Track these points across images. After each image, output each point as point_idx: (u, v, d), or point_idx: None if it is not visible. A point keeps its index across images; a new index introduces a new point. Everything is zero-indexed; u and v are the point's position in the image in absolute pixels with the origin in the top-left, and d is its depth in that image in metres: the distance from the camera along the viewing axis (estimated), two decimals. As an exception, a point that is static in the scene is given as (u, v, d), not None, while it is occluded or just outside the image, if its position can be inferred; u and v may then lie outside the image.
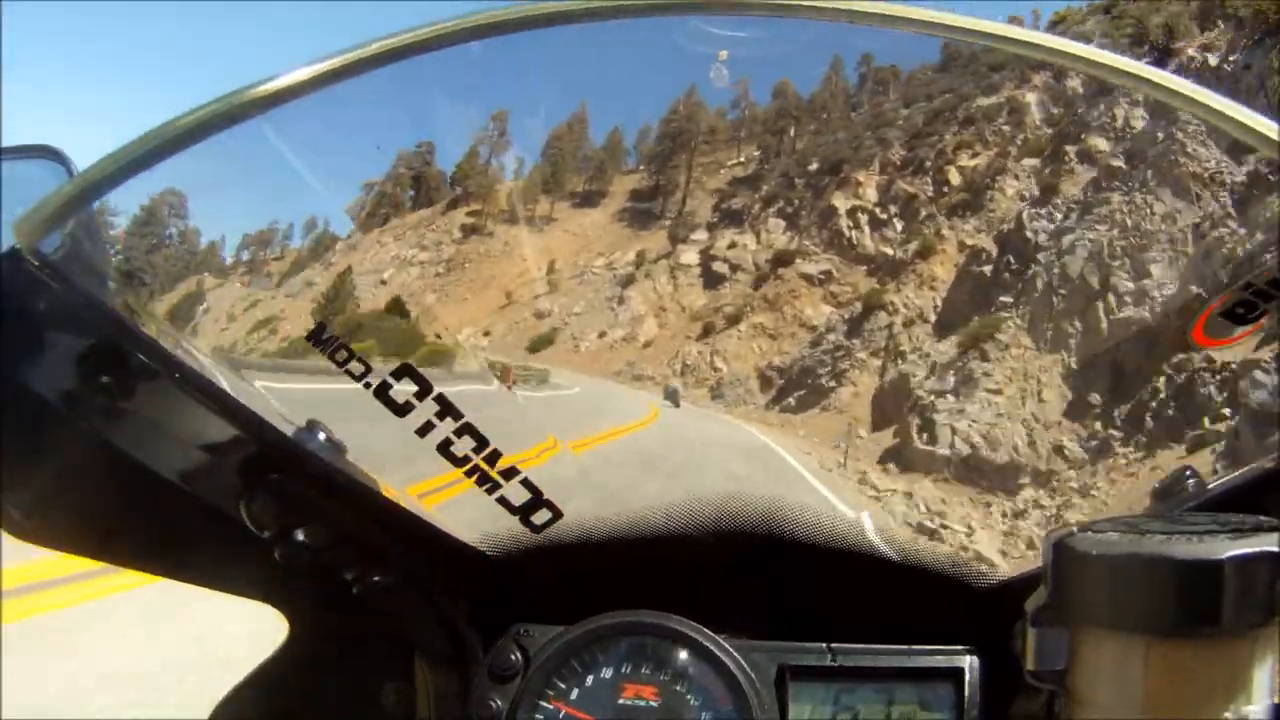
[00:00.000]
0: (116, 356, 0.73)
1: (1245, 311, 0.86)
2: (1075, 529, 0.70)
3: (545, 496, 0.98)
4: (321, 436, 0.91)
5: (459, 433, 0.92)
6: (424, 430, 0.90)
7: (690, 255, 49.52)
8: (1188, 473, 0.94)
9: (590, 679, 1.08)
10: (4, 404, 0.72)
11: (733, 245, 47.71)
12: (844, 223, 42.63)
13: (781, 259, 43.60)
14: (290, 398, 1.02)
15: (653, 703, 1.06)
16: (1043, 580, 0.72)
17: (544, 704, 1.06)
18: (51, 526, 0.83)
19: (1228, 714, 0.62)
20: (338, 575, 0.93)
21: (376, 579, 0.93)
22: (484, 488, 0.95)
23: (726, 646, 1.07)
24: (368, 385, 0.88)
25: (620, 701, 1.06)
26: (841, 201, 43.33)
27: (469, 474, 0.94)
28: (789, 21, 0.70)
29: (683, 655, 1.08)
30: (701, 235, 50.54)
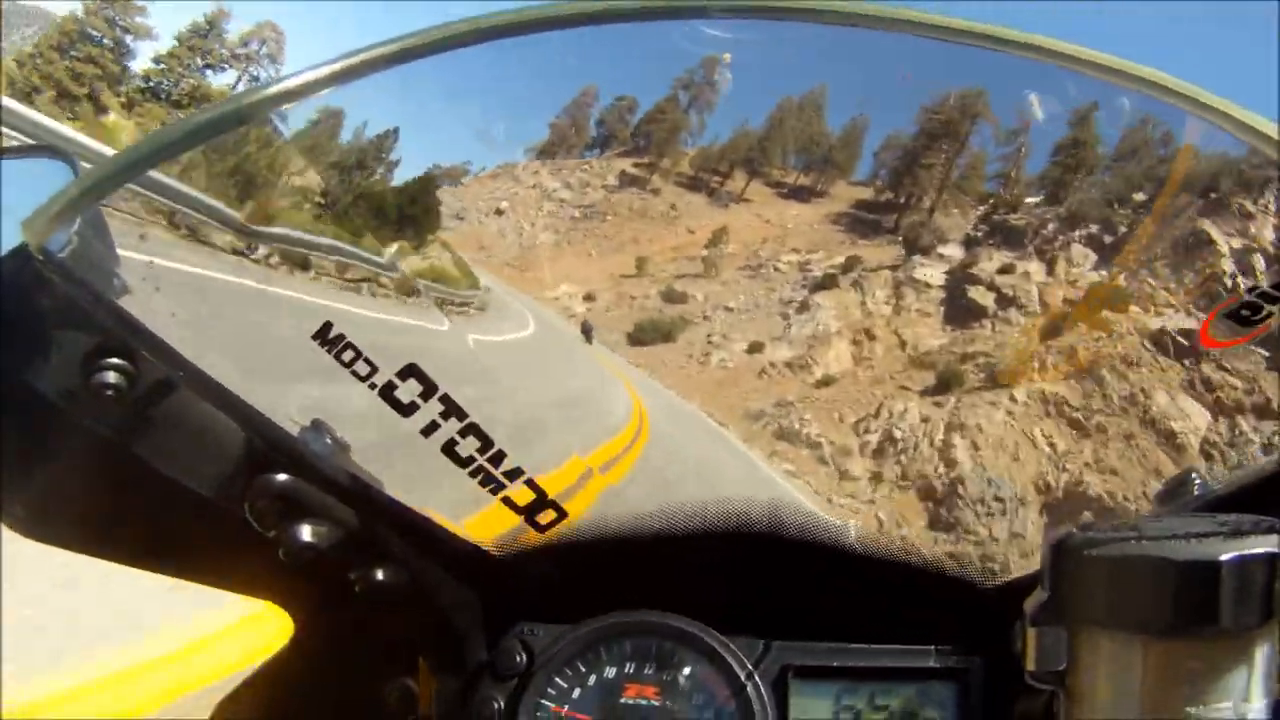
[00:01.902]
0: (122, 355, 0.73)
1: (1251, 314, 0.86)
2: (1074, 530, 0.71)
3: (550, 497, 0.98)
4: (326, 436, 0.92)
5: (463, 433, 0.92)
6: (429, 430, 0.91)
7: (932, 272, 31.06)
8: (1191, 474, 0.94)
9: (593, 679, 1.08)
10: (9, 401, 0.73)
11: (1006, 270, 29.20)
12: (1225, 264, 25.40)
13: (1102, 300, 26.30)
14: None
15: (655, 702, 1.06)
16: (1041, 581, 0.72)
17: (547, 703, 1.07)
18: (55, 524, 0.83)
19: (1227, 713, 0.62)
20: (341, 574, 0.93)
21: (380, 578, 0.94)
22: (489, 488, 0.95)
23: (729, 646, 1.07)
24: (373, 385, 0.88)
25: (623, 701, 1.07)
26: (1219, 233, 25.87)
27: (473, 475, 0.94)
28: (791, 24, 0.70)
29: (685, 655, 1.08)
30: (954, 250, 31.95)
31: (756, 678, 1.06)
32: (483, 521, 1.15)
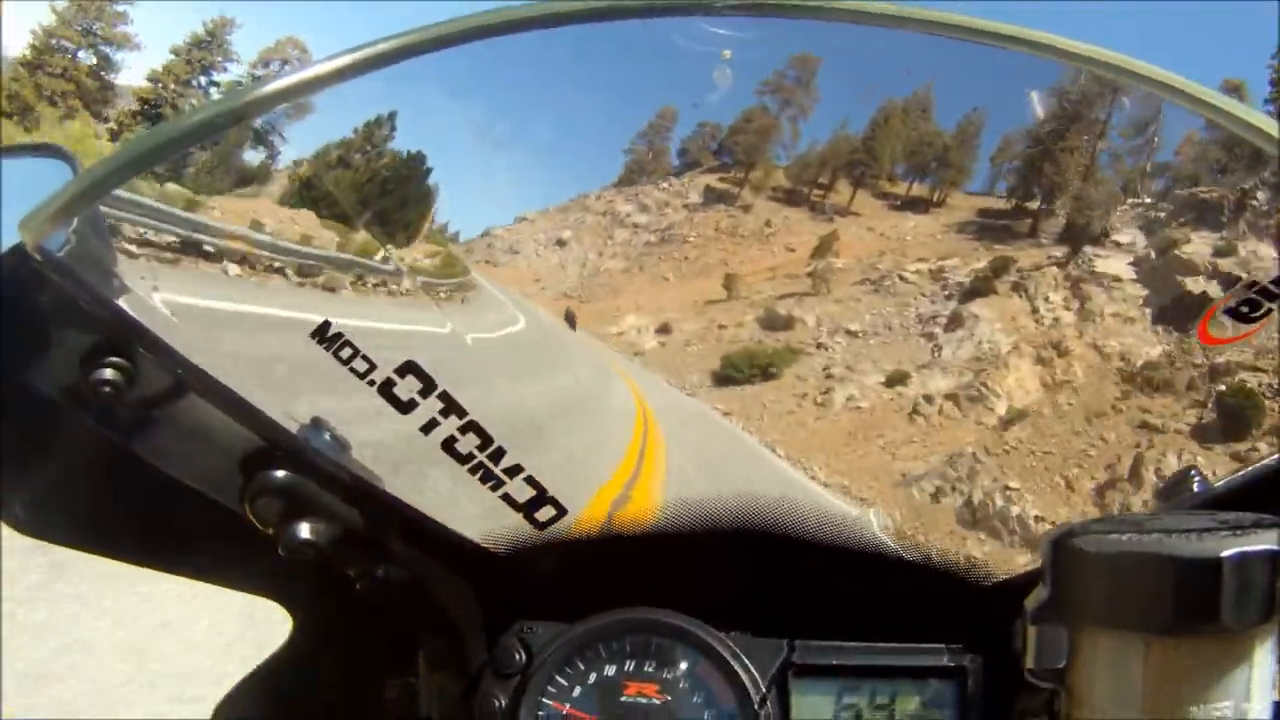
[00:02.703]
0: (121, 353, 0.73)
1: (1250, 310, 0.86)
2: (1075, 527, 0.71)
3: (549, 494, 0.98)
4: (325, 433, 0.91)
5: (463, 430, 0.92)
6: (428, 428, 0.91)
7: (1117, 264, 22.37)
8: (1191, 471, 0.94)
9: (593, 676, 1.08)
10: (8, 400, 0.73)
11: (1225, 252, 20.41)
12: None
13: None
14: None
15: (656, 700, 1.06)
16: (1042, 578, 0.72)
17: (547, 701, 1.07)
18: (54, 522, 0.83)
19: (1227, 711, 0.62)
20: (341, 572, 0.93)
21: (380, 576, 0.94)
22: (488, 485, 0.95)
23: (729, 644, 1.07)
24: (371, 383, 0.88)
25: (623, 699, 1.07)
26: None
27: (473, 471, 0.94)
28: (791, 21, 0.70)
29: (686, 653, 1.08)
30: (1134, 235, 23.19)
31: (757, 676, 1.06)
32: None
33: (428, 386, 0.89)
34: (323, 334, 0.87)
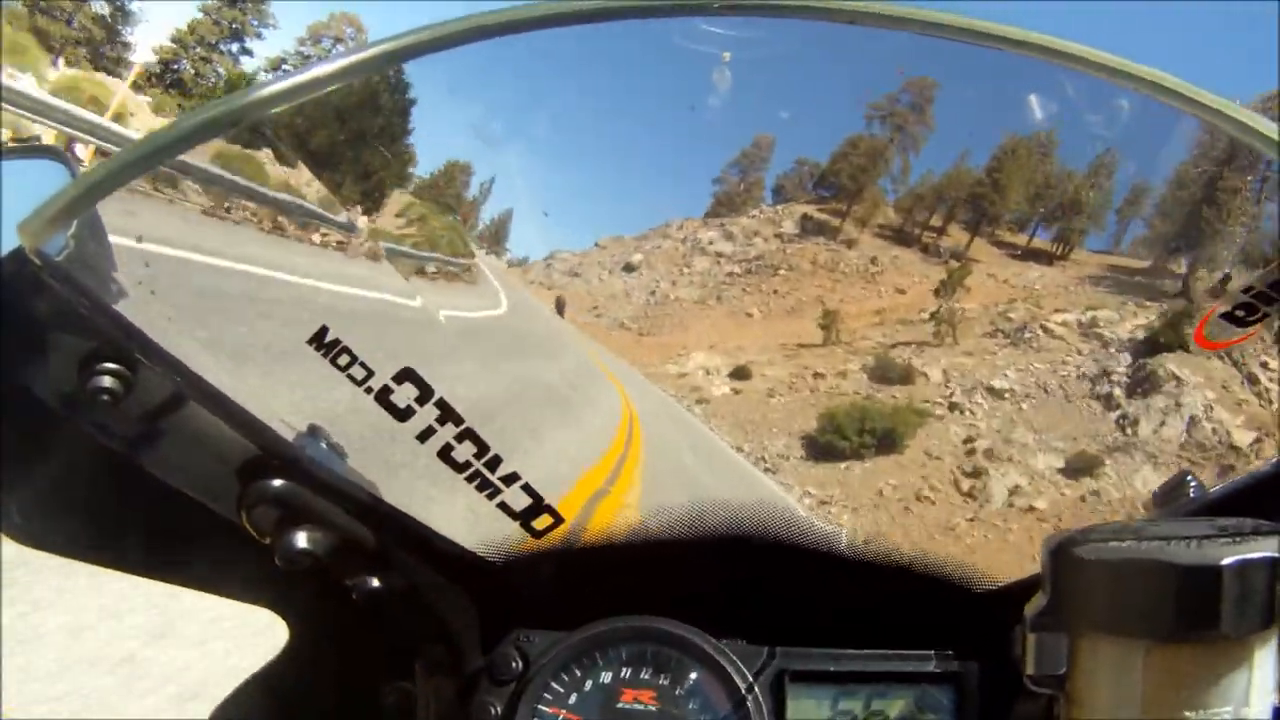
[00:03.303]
0: (119, 359, 0.73)
1: (1245, 314, 0.86)
2: (1074, 534, 0.71)
3: (546, 502, 0.98)
4: (322, 442, 0.91)
5: (460, 438, 0.92)
6: (424, 435, 0.91)
7: None
8: (1188, 477, 0.94)
9: (589, 683, 1.08)
10: (5, 406, 0.72)
11: None
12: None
13: None
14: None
15: (651, 707, 1.06)
16: (1041, 585, 0.72)
17: (543, 708, 1.07)
18: (50, 530, 0.83)
19: (1227, 718, 0.62)
20: (338, 580, 0.93)
21: (376, 584, 0.93)
22: (485, 493, 0.95)
23: (725, 651, 1.07)
24: (369, 390, 0.88)
25: (619, 706, 1.06)
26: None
27: (470, 479, 0.94)
28: (791, 22, 0.70)
29: (682, 660, 1.08)
30: None
31: (753, 683, 1.06)
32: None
33: (424, 394, 0.89)
34: (320, 339, 0.87)
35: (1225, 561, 0.60)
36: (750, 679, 1.06)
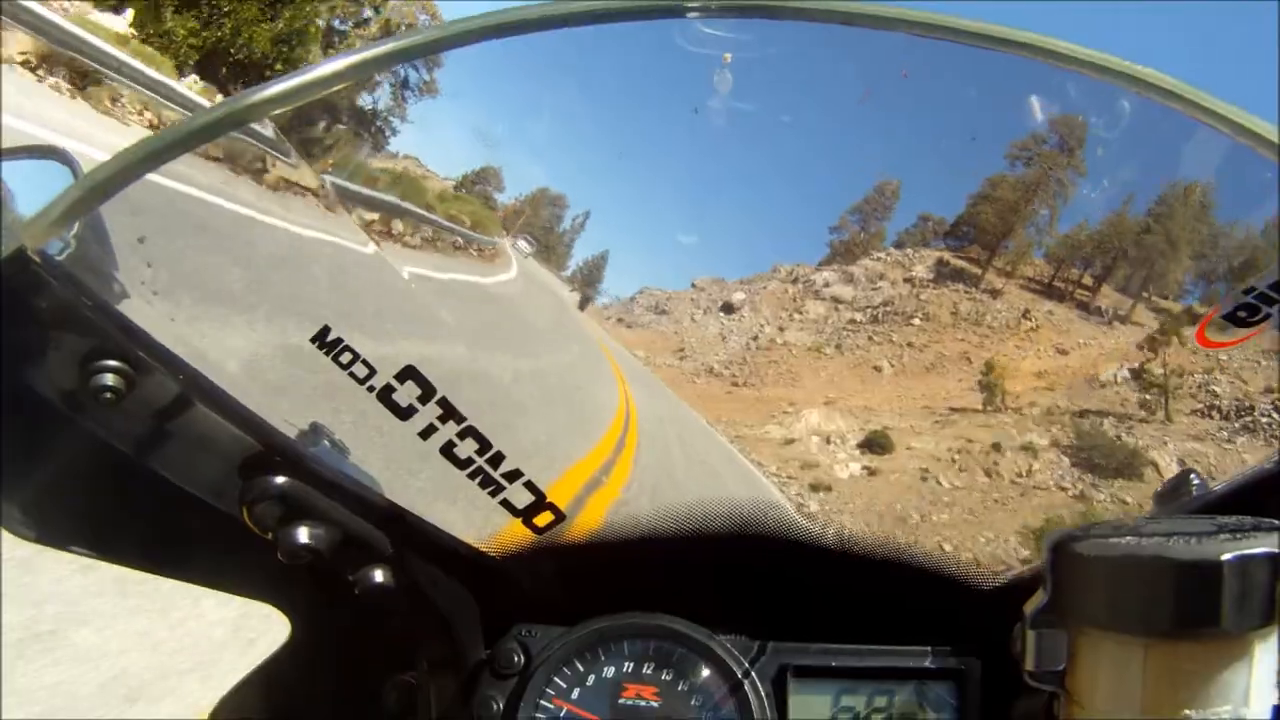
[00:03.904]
0: (120, 358, 0.73)
1: (1247, 315, 0.86)
2: (1075, 531, 0.71)
3: (548, 499, 0.98)
4: (324, 438, 0.92)
5: (462, 435, 0.92)
6: (426, 433, 0.91)
7: None
8: (1190, 475, 0.94)
9: (591, 679, 1.08)
10: (7, 404, 0.72)
11: None
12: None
13: None
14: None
15: (653, 703, 1.06)
16: (1042, 581, 0.72)
17: (545, 703, 1.07)
18: (52, 525, 0.83)
19: (1226, 716, 0.62)
20: (339, 576, 0.93)
21: (378, 579, 0.94)
22: (487, 490, 0.95)
23: (728, 646, 1.07)
24: (371, 389, 0.88)
25: (621, 702, 1.07)
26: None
27: (472, 477, 0.94)
28: (790, 23, 0.70)
29: (684, 655, 1.08)
30: None
31: (755, 678, 1.06)
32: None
33: (427, 392, 0.90)
34: (322, 339, 0.87)
35: (1225, 557, 0.61)
36: (753, 674, 1.06)
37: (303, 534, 0.85)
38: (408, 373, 0.89)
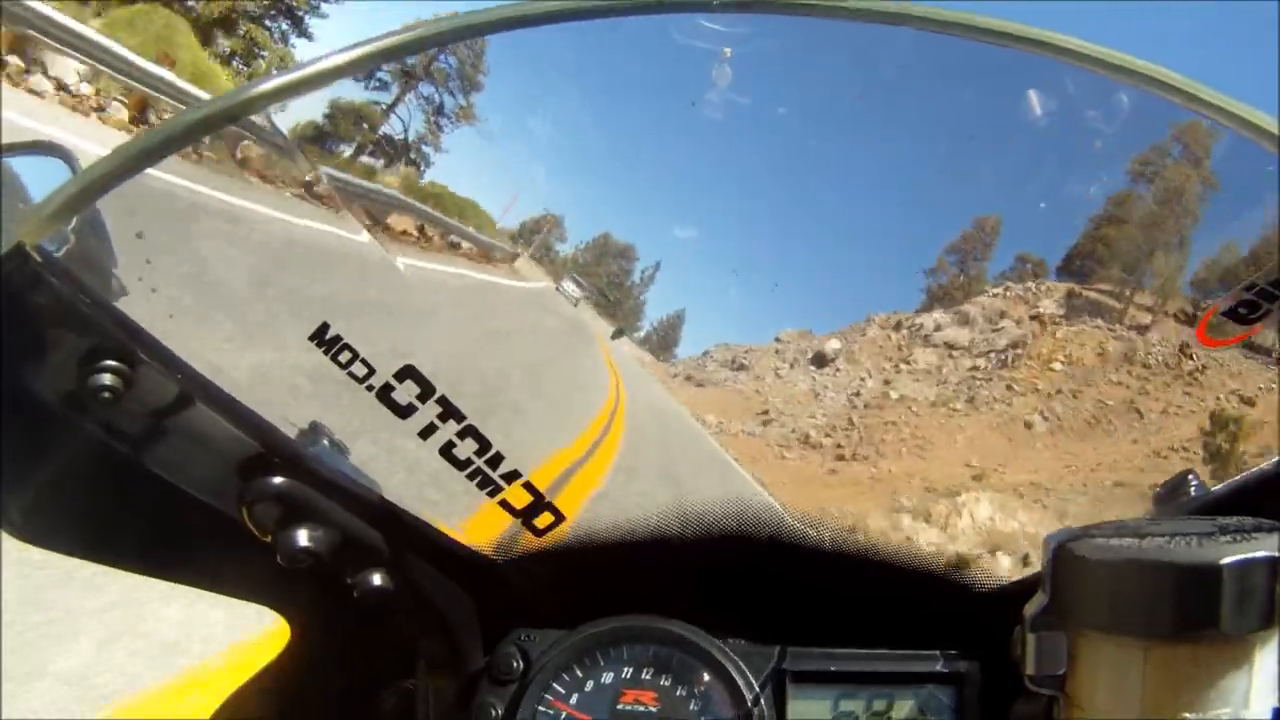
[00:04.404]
0: (119, 356, 0.73)
1: (1248, 312, 0.86)
2: (1074, 533, 0.71)
3: (548, 500, 0.98)
4: (324, 439, 0.91)
5: (461, 435, 0.92)
6: (426, 433, 0.91)
7: None
8: (1189, 476, 0.94)
9: (590, 683, 1.08)
10: (5, 403, 0.72)
11: None
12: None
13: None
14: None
15: (653, 708, 1.06)
16: (1042, 584, 0.72)
17: (544, 708, 1.06)
18: (50, 527, 0.83)
19: (1226, 718, 0.62)
20: (339, 578, 0.93)
21: (377, 582, 0.93)
22: (486, 490, 0.95)
23: (726, 650, 1.07)
24: (370, 388, 0.88)
25: (620, 706, 1.06)
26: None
27: (471, 477, 0.94)
28: (791, 18, 0.70)
29: (682, 659, 1.08)
30: None
31: (754, 683, 1.06)
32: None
33: (426, 391, 0.89)
34: (320, 336, 0.87)
35: (1225, 560, 0.60)
36: (751, 679, 1.06)
37: (302, 536, 0.85)
38: (407, 371, 0.89)
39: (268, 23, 24.51)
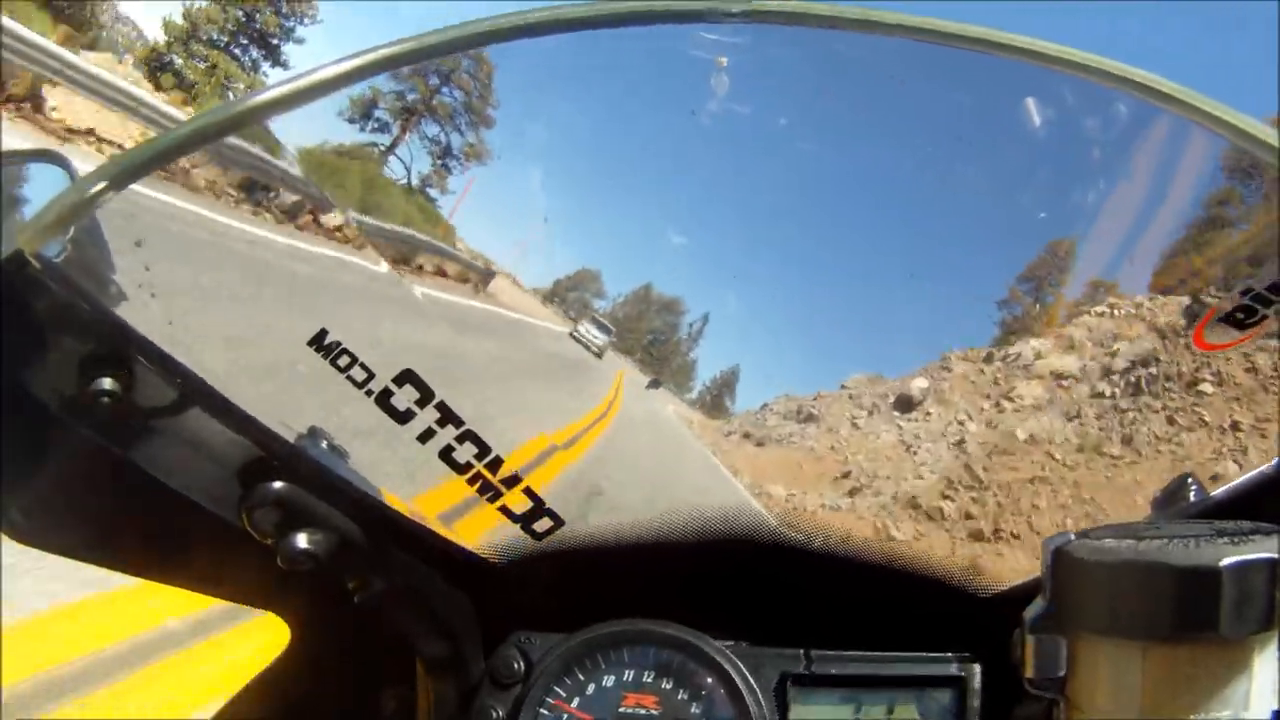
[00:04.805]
0: (118, 361, 0.73)
1: (1245, 316, 0.86)
2: (1074, 535, 0.71)
3: (547, 505, 0.98)
4: (323, 443, 0.91)
5: (460, 439, 0.92)
6: (425, 437, 0.91)
7: None
8: (1188, 480, 0.94)
9: (592, 687, 1.08)
10: (5, 408, 0.72)
11: None
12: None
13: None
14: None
15: (654, 711, 1.06)
16: (1042, 588, 0.72)
17: (545, 712, 1.06)
18: (51, 530, 0.83)
19: None
20: (339, 582, 0.93)
21: (378, 586, 0.93)
22: (485, 496, 0.95)
23: (728, 654, 1.07)
24: (369, 393, 0.88)
25: (621, 710, 1.06)
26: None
27: (471, 481, 0.94)
28: (790, 28, 0.70)
29: (684, 663, 1.08)
30: None
31: (755, 686, 1.06)
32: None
33: (425, 396, 0.90)
34: (319, 341, 0.87)
35: (1224, 562, 0.60)
36: (753, 683, 1.06)
37: (303, 540, 0.84)
38: (406, 376, 0.89)
39: (235, 50, 23.82)
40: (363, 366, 0.88)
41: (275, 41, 24.38)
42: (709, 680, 1.07)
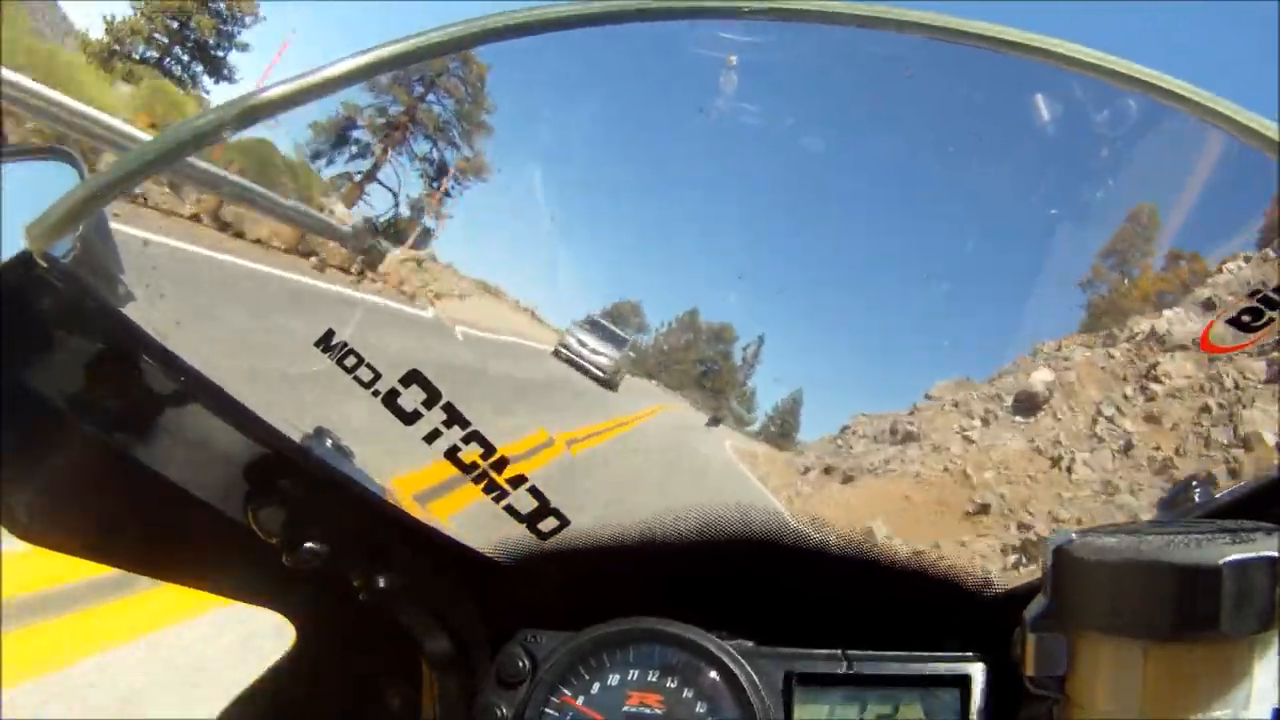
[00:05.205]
0: (125, 361, 0.73)
1: (1251, 319, 0.86)
2: (1075, 534, 0.71)
3: (552, 504, 0.98)
4: (329, 442, 0.92)
5: (466, 439, 0.92)
6: (431, 437, 0.91)
7: None
8: (1193, 482, 0.94)
9: (597, 686, 1.08)
10: (13, 406, 0.73)
11: None
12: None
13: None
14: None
15: (659, 710, 1.06)
16: (1043, 586, 0.72)
17: (550, 710, 1.06)
18: (56, 528, 0.83)
19: (1226, 718, 0.62)
20: (344, 581, 0.93)
21: (383, 584, 0.94)
22: (491, 495, 0.95)
23: (733, 653, 1.07)
24: (376, 393, 0.89)
25: (626, 709, 1.06)
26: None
27: (476, 481, 0.94)
28: (796, 26, 0.71)
29: (689, 662, 1.08)
30: None
31: (759, 685, 1.06)
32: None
33: (432, 397, 0.90)
34: (326, 342, 0.87)
35: (1224, 561, 0.60)
36: (757, 682, 1.06)
37: (308, 539, 0.85)
38: (413, 376, 0.89)
39: (169, 64, 21.74)
40: (369, 367, 0.88)
41: (216, 52, 22.62)
42: (714, 679, 1.07)
